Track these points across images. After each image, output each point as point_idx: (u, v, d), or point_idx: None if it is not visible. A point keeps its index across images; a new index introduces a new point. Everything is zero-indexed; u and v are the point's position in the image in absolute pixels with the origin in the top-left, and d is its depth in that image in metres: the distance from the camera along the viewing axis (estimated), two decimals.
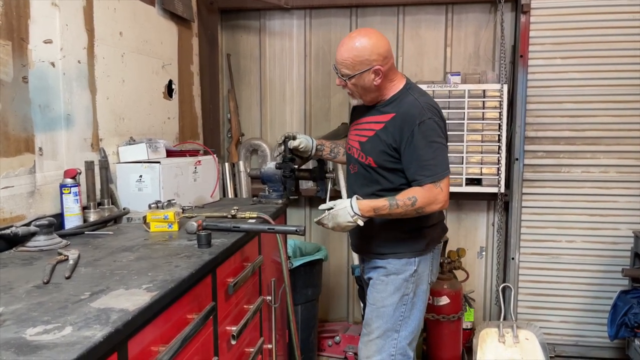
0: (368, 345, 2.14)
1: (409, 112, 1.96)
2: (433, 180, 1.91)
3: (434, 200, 1.92)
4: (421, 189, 1.92)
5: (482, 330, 3.18)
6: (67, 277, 1.33)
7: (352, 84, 2.01)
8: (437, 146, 1.95)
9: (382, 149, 2.01)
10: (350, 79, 1.99)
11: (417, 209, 1.92)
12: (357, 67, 1.95)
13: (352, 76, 1.98)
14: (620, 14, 3.17)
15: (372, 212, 1.95)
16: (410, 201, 1.91)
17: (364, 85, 1.99)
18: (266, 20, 3.62)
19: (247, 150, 3.66)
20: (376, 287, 2.13)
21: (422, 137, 1.92)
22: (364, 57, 1.94)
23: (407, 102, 2.00)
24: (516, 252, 3.39)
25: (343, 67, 1.98)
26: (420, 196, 1.91)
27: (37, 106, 1.87)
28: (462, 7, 3.40)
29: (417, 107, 1.96)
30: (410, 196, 1.91)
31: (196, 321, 1.41)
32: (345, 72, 1.99)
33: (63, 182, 1.89)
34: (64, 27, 2.00)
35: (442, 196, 1.93)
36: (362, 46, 1.94)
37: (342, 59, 1.97)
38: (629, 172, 3.26)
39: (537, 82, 3.28)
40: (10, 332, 0.99)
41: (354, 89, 2.03)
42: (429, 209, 1.94)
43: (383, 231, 2.09)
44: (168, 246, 1.69)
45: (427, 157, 1.93)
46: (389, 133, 1.99)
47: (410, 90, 2.05)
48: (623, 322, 2.97)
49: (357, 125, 2.17)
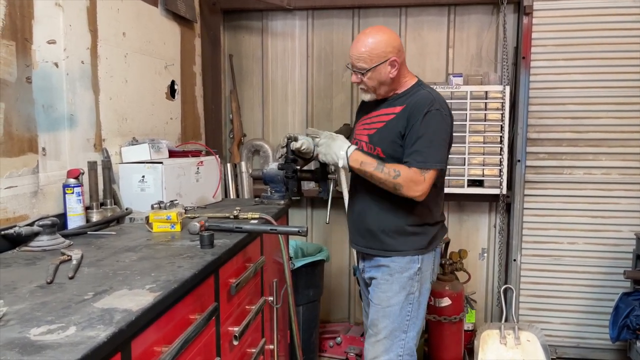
0: (375, 346, 2.13)
1: (419, 102, 2.01)
2: (420, 167, 1.95)
3: (413, 186, 1.95)
4: (407, 169, 1.95)
5: (483, 331, 3.18)
6: (71, 277, 1.33)
7: (369, 78, 2.04)
8: (437, 138, 1.99)
9: (392, 139, 2.04)
10: (367, 73, 2.02)
11: (395, 183, 1.95)
12: (374, 60, 2.00)
13: (369, 69, 2.01)
14: (623, 16, 3.16)
15: (358, 162, 1.99)
16: (394, 173, 1.95)
17: (380, 78, 2.03)
18: (268, 21, 3.62)
19: (249, 150, 3.66)
20: (381, 287, 2.13)
21: (426, 126, 1.97)
22: (380, 50, 2.00)
23: (420, 94, 2.05)
24: (518, 254, 3.39)
25: (360, 62, 2.02)
26: (404, 174, 1.94)
27: (40, 106, 1.87)
28: (464, 8, 3.40)
29: (429, 98, 2.01)
30: (396, 169, 1.96)
31: (199, 322, 1.41)
32: (362, 66, 2.02)
33: (66, 182, 1.89)
34: (67, 28, 2.00)
35: (422, 186, 1.95)
36: (377, 40, 2.01)
37: (358, 54, 2.01)
38: (632, 174, 3.25)
39: (539, 83, 3.27)
40: (14, 332, 0.99)
41: (370, 83, 2.05)
42: (405, 190, 1.95)
43: (388, 224, 2.09)
44: (171, 246, 1.69)
45: (424, 144, 1.96)
46: (399, 122, 2.03)
47: (423, 86, 2.11)
48: (625, 324, 2.96)
49: (366, 120, 2.19)
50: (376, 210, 2.11)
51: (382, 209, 2.09)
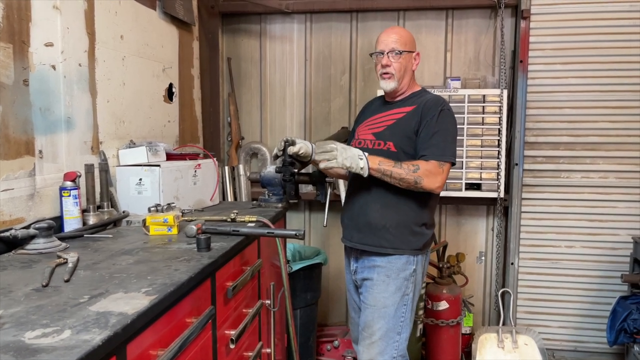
0: (370, 348, 2.13)
1: (432, 100, 2.12)
2: (439, 160, 2.02)
3: (433, 178, 2.00)
4: (426, 162, 2.01)
5: (481, 335, 3.17)
6: (66, 280, 1.32)
7: (400, 62, 2.13)
8: (451, 134, 2.09)
9: (405, 134, 2.11)
10: (402, 54, 2.13)
11: (416, 177, 1.98)
12: (408, 45, 2.16)
13: (403, 51, 2.13)
14: (620, 20, 3.18)
15: (376, 162, 1.99)
16: (414, 167, 1.99)
17: (407, 65, 2.16)
18: (267, 24, 3.63)
19: (247, 153, 3.66)
20: (377, 288, 2.13)
21: (441, 122, 2.06)
22: (411, 40, 2.19)
23: (429, 96, 2.17)
24: (515, 257, 3.39)
25: (397, 44, 2.13)
26: (423, 167, 1.99)
27: (37, 109, 1.87)
28: (462, 12, 3.41)
29: (440, 99, 2.14)
30: (414, 164, 2.00)
31: (195, 325, 1.41)
32: (397, 47, 2.12)
33: (63, 185, 1.89)
34: (65, 30, 2.00)
35: (441, 177, 2.01)
36: (408, 33, 2.21)
37: (396, 37, 2.14)
38: (629, 177, 3.26)
39: (536, 87, 3.28)
40: (9, 335, 0.99)
41: (399, 67, 2.14)
42: (426, 182, 1.99)
43: (390, 220, 2.10)
44: (167, 250, 1.69)
45: (440, 139, 2.04)
46: (413, 119, 2.10)
47: (428, 92, 2.23)
48: (622, 328, 2.96)
49: (371, 121, 2.24)
50: (380, 205, 2.12)
51: (386, 204, 2.11)
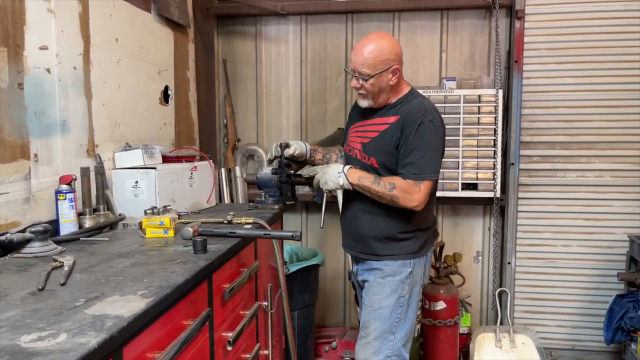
0: (365, 348, 2.16)
1: (412, 113, 2.03)
2: (415, 179, 1.98)
3: (409, 197, 1.98)
4: (403, 180, 1.99)
5: (478, 335, 3.18)
6: (62, 283, 1.32)
7: (371, 84, 2.04)
8: (430, 149, 2.01)
9: (386, 150, 2.07)
10: (370, 79, 2.03)
11: (392, 195, 1.98)
12: (378, 66, 2.01)
13: (373, 76, 2.02)
14: (614, 19, 3.19)
15: (356, 177, 2.01)
16: (390, 185, 1.98)
17: (381, 85, 2.05)
18: (262, 26, 3.63)
19: (243, 155, 3.66)
20: (373, 290, 2.16)
21: (419, 137, 1.99)
22: (384, 57, 2.01)
23: (413, 104, 2.07)
24: (512, 257, 3.40)
25: (364, 67, 2.02)
26: (399, 186, 1.98)
27: (32, 112, 1.86)
28: (457, 13, 3.42)
29: (422, 109, 2.03)
30: (391, 181, 1.99)
31: (192, 327, 1.41)
32: (365, 72, 2.02)
33: (58, 189, 1.89)
34: (59, 33, 2.00)
35: (418, 197, 1.99)
36: (382, 47, 2.02)
37: (363, 60, 2.02)
38: (624, 176, 3.27)
39: (532, 87, 3.29)
40: (5, 339, 0.99)
41: (371, 89, 2.06)
42: (402, 201, 1.99)
43: (380, 231, 2.11)
44: (164, 252, 1.69)
45: (417, 156, 1.99)
46: (393, 134, 2.05)
47: (416, 95, 2.13)
48: (619, 326, 2.97)
49: (359, 127, 2.20)
50: (369, 218, 2.13)
51: (375, 215, 2.11)
